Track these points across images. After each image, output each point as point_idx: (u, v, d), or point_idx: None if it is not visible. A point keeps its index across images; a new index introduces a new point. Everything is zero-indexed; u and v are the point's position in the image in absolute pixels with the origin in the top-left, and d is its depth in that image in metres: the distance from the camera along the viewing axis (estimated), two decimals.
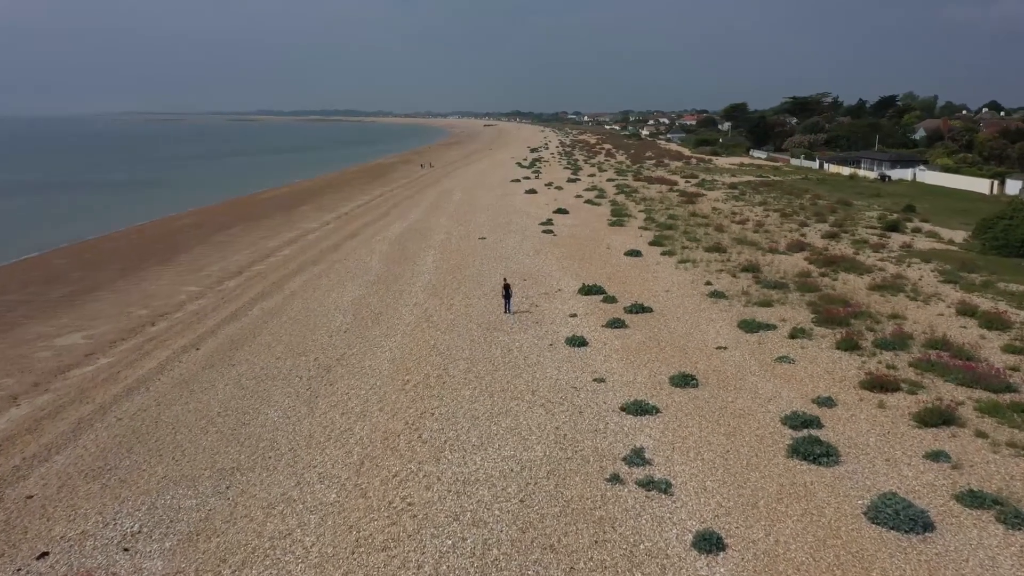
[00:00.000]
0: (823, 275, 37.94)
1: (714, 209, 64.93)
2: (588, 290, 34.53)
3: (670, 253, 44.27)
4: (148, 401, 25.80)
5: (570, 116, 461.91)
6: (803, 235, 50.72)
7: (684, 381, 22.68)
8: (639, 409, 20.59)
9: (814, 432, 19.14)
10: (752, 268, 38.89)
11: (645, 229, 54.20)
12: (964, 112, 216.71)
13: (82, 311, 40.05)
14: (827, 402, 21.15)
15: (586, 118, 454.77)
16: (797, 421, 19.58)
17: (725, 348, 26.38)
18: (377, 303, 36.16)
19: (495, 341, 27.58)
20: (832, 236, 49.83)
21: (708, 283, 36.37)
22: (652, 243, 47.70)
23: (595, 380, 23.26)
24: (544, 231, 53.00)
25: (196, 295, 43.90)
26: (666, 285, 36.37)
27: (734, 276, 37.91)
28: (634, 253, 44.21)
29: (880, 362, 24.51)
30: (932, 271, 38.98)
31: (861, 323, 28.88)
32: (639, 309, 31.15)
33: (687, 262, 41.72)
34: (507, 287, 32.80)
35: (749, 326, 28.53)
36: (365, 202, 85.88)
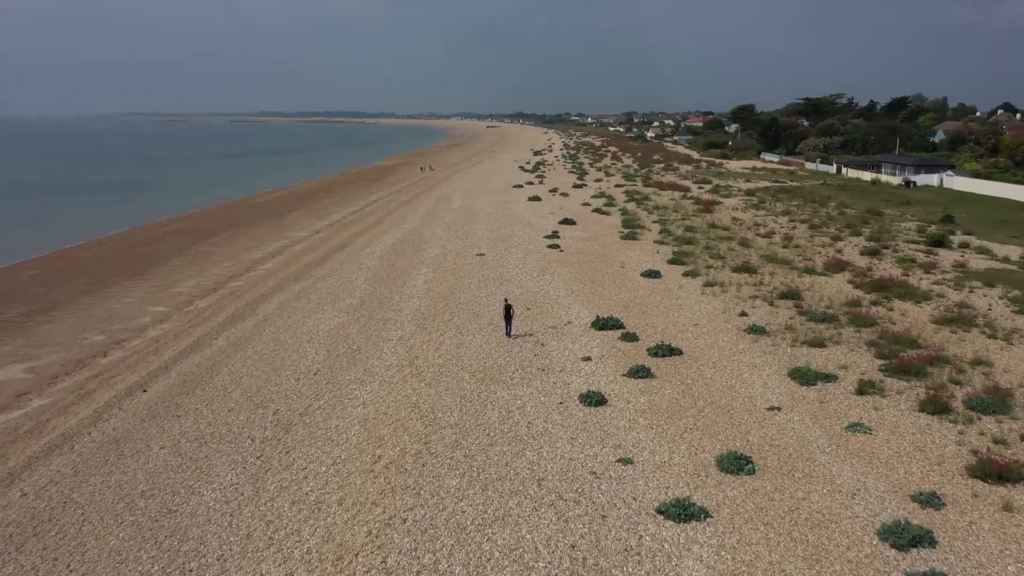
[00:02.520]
0: (875, 303, 32.61)
1: (734, 219, 59.58)
2: (603, 323, 29.23)
3: (693, 274, 38.95)
4: (66, 467, 20.74)
5: (573, 117, 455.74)
6: (839, 251, 45.36)
7: (736, 464, 17.38)
8: (682, 512, 15.31)
9: (927, 555, 13.86)
10: (792, 295, 33.56)
11: (662, 243, 48.89)
12: (978, 114, 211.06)
13: (32, 335, 35.25)
14: (931, 500, 15.85)
15: (589, 119, 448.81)
16: (901, 537, 14.28)
17: (779, 409, 21.07)
18: (357, 335, 31.03)
19: (491, 398, 22.25)
20: (873, 253, 44.45)
21: (743, 314, 31.05)
22: (671, 261, 42.37)
23: (620, 461, 17.94)
24: (549, 246, 47.73)
25: (161, 317, 39.14)
26: (693, 316, 31.06)
27: (772, 304, 32.58)
28: (652, 274, 38.91)
29: (983, 433, 19.19)
30: (1001, 298, 33.62)
31: (940, 371, 23.58)
32: (666, 351, 25.85)
33: (714, 285, 36.40)
34: (508, 308, 28.63)
35: (803, 376, 23.23)
36: (360, 208, 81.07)
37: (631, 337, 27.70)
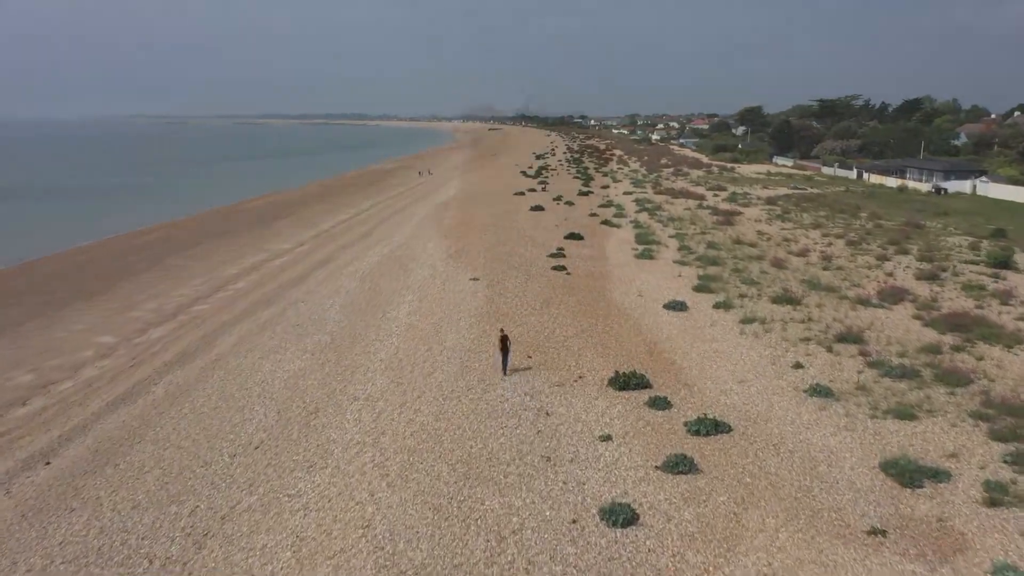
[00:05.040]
0: (957, 349, 26.41)
1: (760, 233, 53.35)
2: (624, 380, 23.00)
3: (726, 306, 32.72)
4: None
5: (576, 120, 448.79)
6: (890, 275, 39.12)
7: None
8: None
9: None
10: (852, 337, 27.31)
11: (682, 263, 42.67)
12: (993, 116, 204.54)
13: None
14: None
15: (592, 122, 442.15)
16: None
17: (884, 534, 14.86)
18: (317, 389, 25.05)
19: (477, 511, 15.99)
20: (931, 277, 38.16)
21: (798, 365, 24.81)
22: (697, 288, 36.13)
23: None
24: (554, 267, 41.51)
25: (107, 350, 33.66)
26: (736, 368, 24.83)
27: (830, 351, 26.33)
28: (677, 306, 32.69)
29: None
30: None
31: None
32: (710, 427, 19.64)
33: (753, 321, 30.19)
34: (504, 339, 24.13)
35: (903, 472, 17.02)
36: (351, 216, 75.51)
37: (661, 402, 21.49)
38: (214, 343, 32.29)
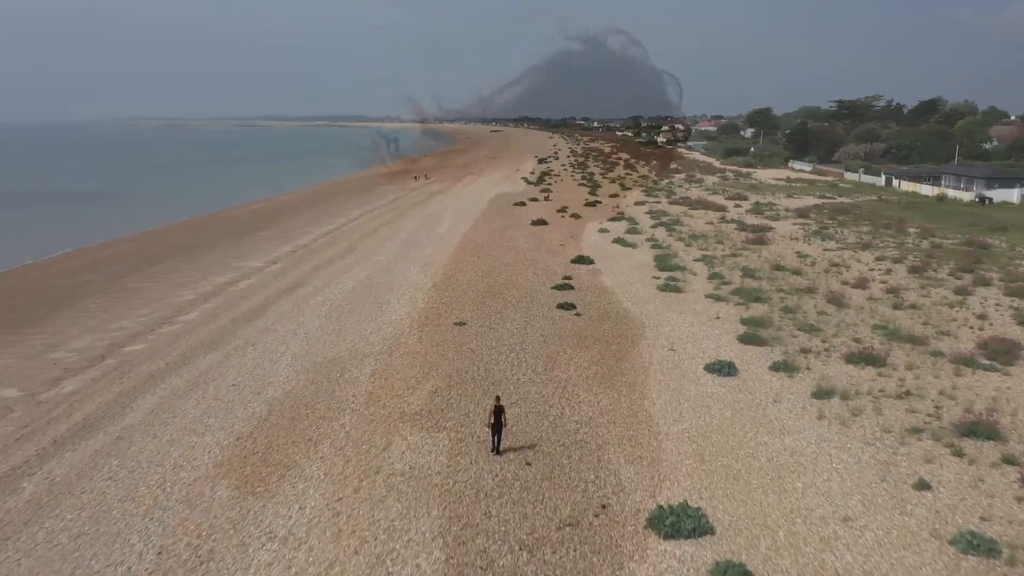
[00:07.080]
0: None
1: (801, 256, 45.46)
2: (673, 522, 15.09)
3: (787, 368, 24.78)
4: None
5: (579, 122, 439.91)
6: (983, 317, 31.26)
7: None
8: None
9: None
10: (982, 429, 19.36)
11: (717, 298, 34.78)
12: (1012, 118, 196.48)
13: None
14: None
15: (596, 124, 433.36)
16: None
17: None
18: (225, 508, 17.49)
19: None
20: None
21: (922, 484, 16.90)
22: (744, 338, 28.18)
23: None
24: (560, 304, 33.58)
25: (1, 411, 26.03)
26: (831, 490, 16.90)
27: (959, 455, 18.45)
28: (722, 368, 24.73)
29: None
30: None
31: None
32: None
33: (831, 395, 22.25)
34: (499, 411, 18.30)
35: None
36: (335, 227, 67.97)
37: (736, 573, 13.62)
38: (127, 407, 24.69)
